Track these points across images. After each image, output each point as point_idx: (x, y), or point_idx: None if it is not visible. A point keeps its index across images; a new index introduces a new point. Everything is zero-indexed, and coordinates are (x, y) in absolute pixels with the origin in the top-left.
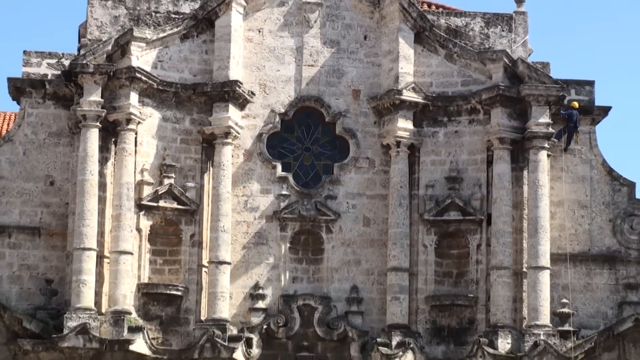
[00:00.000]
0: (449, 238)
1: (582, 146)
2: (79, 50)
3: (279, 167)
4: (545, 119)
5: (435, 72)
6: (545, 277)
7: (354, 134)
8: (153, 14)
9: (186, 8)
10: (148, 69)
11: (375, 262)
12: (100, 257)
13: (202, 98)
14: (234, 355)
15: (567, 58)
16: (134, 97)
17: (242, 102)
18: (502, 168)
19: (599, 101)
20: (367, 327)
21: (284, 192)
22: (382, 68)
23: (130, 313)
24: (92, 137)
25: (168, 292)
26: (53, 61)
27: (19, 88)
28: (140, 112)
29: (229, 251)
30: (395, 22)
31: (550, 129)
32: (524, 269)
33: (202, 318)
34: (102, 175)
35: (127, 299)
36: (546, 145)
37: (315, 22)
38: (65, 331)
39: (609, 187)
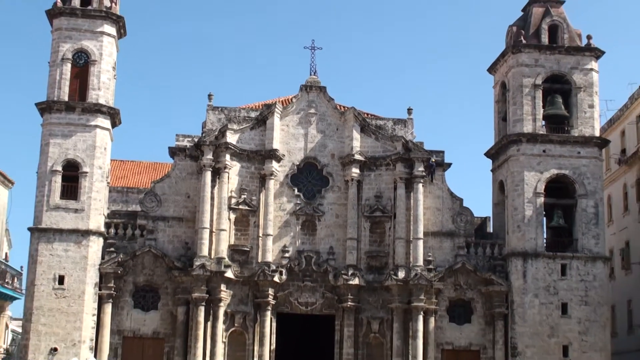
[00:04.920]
0: (376, 224)
1: (438, 181)
2: (202, 134)
3: (296, 190)
4: (421, 168)
5: (370, 146)
6: (420, 243)
7: (332, 175)
8: (237, 117)
9: (253, 114)
10: (234, 142)
11: (341, 235)
12: (210, 232)
13: (259, 157)
14: (274, 279)
15: (432, 138)
16: (227, 156)
17: (278, 159)
18: (401, 192)
19: (447, 160)
20: (337, 266)
21: (298, 202)
22: (344, 143)
23: (225, 258)
24: (208, 175)
25: (243, 249)
26: (190, 139)
27: (173, 152)
28: (230, 164)
29: (271, 230)
30: (351, 122)
31: (423, 173)
32: (411, 239)
33: (259, 261)
34: (212, 193)
35: (224, 252)
36: (422, 181)
37: (313, 122)
38: (194, 267)
39: (451, 201)
